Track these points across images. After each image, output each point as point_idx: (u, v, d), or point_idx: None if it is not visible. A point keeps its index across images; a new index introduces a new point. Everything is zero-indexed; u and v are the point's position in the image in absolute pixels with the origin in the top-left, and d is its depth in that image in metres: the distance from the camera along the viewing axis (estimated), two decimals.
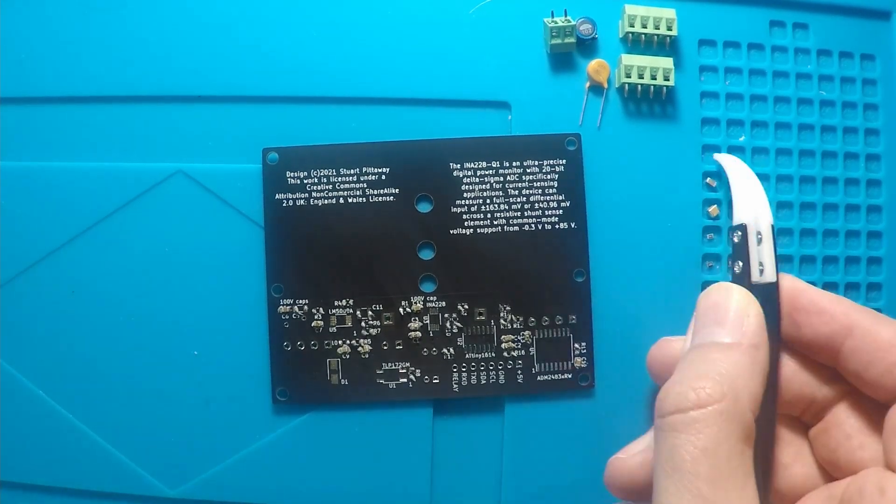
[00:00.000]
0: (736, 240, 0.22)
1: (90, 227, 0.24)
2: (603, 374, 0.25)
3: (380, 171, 0.24)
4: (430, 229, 0.24)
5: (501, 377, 0.24)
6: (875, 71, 0.26)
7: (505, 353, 0.24)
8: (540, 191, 0.24)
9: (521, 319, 0.24)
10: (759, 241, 0.22)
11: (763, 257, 0.22)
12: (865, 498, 0.18)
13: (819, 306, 0.21)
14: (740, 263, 0.22)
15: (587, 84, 0.25)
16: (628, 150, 0.25)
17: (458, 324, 0.24)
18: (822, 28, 0.26)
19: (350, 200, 0.24)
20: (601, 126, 0.25)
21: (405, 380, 0.24)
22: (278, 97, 0.25)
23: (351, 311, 0.24)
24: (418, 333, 0.24)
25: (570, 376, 0.24)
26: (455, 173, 0.24)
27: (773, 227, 0.22)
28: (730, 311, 0.20)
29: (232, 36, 0.25)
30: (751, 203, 0.23)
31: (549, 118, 0.25)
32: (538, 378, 0.24)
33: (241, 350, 0.24)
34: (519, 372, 0.24)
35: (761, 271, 0.22)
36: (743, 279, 0.22)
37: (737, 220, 0.23)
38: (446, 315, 0.24)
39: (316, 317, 0.24)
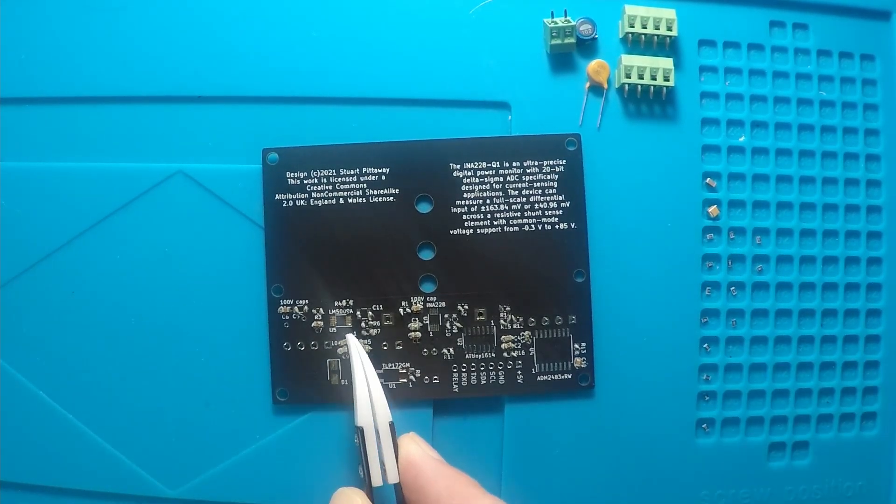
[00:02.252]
0: (357, 442, 0.22)
1: (90, 228, 0.24)
2: (603, 374, 0.25)
3: (380, 171, 0.24)
4: (430, 230, 0.24)
5: (501, 377, 0.24)
6: (875, 71, 0.26)
7: (505, 354, 0.24)
8: (540, 191, 0.24)
9: (521, 320, 0.24)
10: (379, 442, 0.22)
11: (385, 458, 0.22)
12: None
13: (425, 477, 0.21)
14: (362, 467, 0.22)
15: (587, 84, 0.25)
16: (628, 150, 0.25)
17: (458, 324, 0.24)
18: (822, 28, 0.26)
19: (350, 201, 0.24)
20: (601, 126, 0.25)
21: (405, 380, 0.24)
22: (278, 97, 0.25)
23: (351, 311, 0.24)
24: (418, 334, 0.24)
25: (570, 376, 0.24)
26: (455, 174, 0.24)
27: (391, 424, 0.22)
28: None
29: (232, 36, 0.25)
30: (368, 403, 0.22)
31: (549, 118, 0.25)
32: (538, 378, 0.24)
33: (241, 350, 0.24)
34: (519, 372, 0.24)
35: (385, 472, 0.21)
36: (366, 483, 0.22)
37: (357, 423, 0.22)
38: (446, 315, 0.24)
39: (316, 317, 0.24)
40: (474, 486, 0.21)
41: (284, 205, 0.24)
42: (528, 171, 0.24)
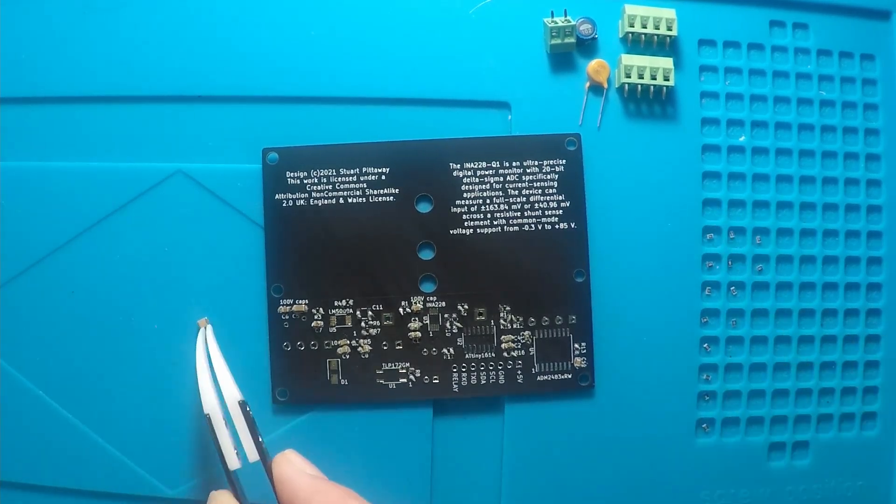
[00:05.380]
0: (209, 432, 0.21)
1: (90, 227, 0.24)
2: (603, 374, 0.25)
3: (380, 171, 0.24)
4: (430, 229, 0.24)
5: (501, 377, 0.24)
6: (875, 71, 0.26)
7: (505, 353, 0.24)
8: (540, 191, 0.24)
9: (521, 319, 0.24)
10: (230, 424, 0.21)
11: (242, 439, 0.21)
12: None
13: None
14: (219, 454, 0.21)
15: (587, 84, 0.25)
16: (628, 150, 0.25)
17: (458, 324, 0.24)
18: (822, 28, 0.26)
19: (350, 200, 0.24)
20: (601, 126, 0.25)
21: (405, 380, 0.24)
22: (278, 97, 0.25)
23: (351, 311, 0.24)
24: (418, 333, 0.24)
25: (569, 376, 0.24)
26: (455, 173, 0.24)
27: (242, 403, 0.21)
28: None
29: (232, 36, 0.25)
30: (212, 389, 0.22)
31: (549, 118, 0.25)
32: (538, 378, 0.24)
33: (241, 350, 0.24)
34: (519, 372, 0.24)
35: (240, 455, 0.21)
36: (224, 469, 0.21)
37: (204, 411, 0.21)
38: (446, 315, 0.24)
39: (316, 317, 0.24)
40: (354, 497, 0.21)
41: (284, 204, 0.24)
42: (528, 170, 0.24)
